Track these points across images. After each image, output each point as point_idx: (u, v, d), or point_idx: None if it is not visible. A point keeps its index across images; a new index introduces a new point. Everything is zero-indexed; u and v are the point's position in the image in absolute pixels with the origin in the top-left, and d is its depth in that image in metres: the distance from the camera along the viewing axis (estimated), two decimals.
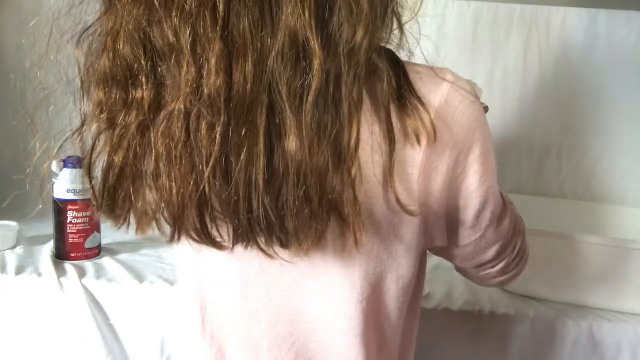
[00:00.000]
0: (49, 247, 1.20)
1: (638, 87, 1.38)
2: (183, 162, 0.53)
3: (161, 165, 0.54)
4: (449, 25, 1.39)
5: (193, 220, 0.55)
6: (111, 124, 0.56)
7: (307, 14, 0.50)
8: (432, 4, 1.39)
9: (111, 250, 1.21)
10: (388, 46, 0.59)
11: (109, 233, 1.25)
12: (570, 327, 1.06)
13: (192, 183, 0.53)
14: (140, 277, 1.08)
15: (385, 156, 0.55)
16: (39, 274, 1.08)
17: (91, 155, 0.59)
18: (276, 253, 0.57)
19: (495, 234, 0.68)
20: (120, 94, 0.55)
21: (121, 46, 0.54)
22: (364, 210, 0.56)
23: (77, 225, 1.15)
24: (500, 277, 0.76)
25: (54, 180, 1.16)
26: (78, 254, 1.15)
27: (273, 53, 0.50)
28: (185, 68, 0.51)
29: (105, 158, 0.57)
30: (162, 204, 0.55)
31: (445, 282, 1.19)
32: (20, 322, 1.08)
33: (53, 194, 1.15)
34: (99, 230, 1.19)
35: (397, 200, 0.56)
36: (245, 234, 0.56)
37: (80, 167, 1.15)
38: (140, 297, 1.07)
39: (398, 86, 0.55)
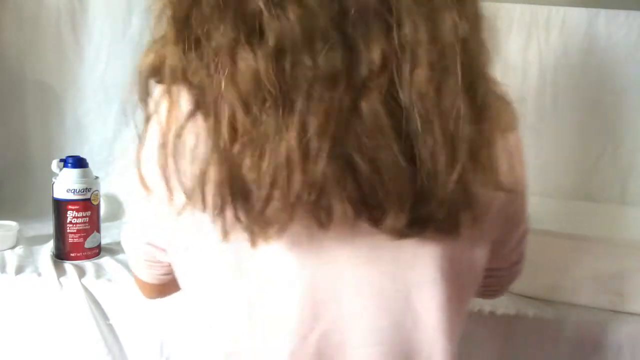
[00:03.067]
0: (49, 247, 1.20)
1: (638, 87, 1.38)
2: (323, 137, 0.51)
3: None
4: None
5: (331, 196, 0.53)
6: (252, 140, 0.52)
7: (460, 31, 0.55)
8: None
9: (111, 250, 1.21)
10: None
11: (109, 233, 1.25)
12: (570, 327, 1.06)
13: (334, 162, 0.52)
14: None
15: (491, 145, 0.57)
16: (39, 274, 1.08)
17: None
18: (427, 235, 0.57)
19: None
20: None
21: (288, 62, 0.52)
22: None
23: (77, 225, 1.15)
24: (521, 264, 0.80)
25: (53, 180, 1.16)
26: (78, 254, 1.15)
27: (421, 64, 0.52)
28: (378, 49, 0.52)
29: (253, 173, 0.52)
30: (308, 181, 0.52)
31: None
32: (20, 322, 1.08)
33: (53, 194, 1.15)
34: (99, 230, 1.19)
35: (504, 187, 0.59)
36: (418, 221, 0.55)
37: (80, 167, 1.15)
38: (140, 297, 1.06)
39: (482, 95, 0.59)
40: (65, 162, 1.15)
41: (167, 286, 0.76)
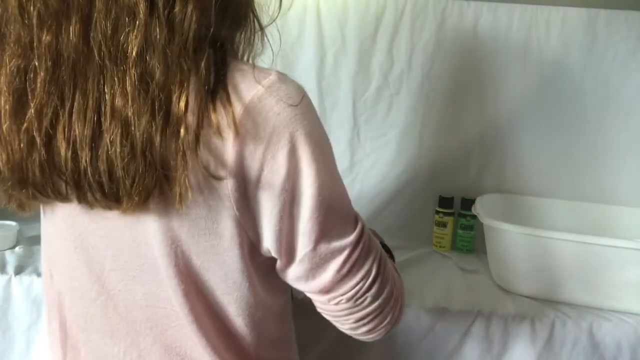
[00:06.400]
0: None
1: (638, 87, 1.38)
2: (19, 115, 0.57)
3: (2, 119, 0.58)
4: (449, 25, 1.39)
5: (36, 173, 0.59)
6: None
7: None
8: (432, 4, 1.39)
9: None
10: (253, 50, 0.64)
11: None
12: (570, 327, 1.06)
13: (29, 134, 0.57)
14: None
15: (194, 135, 0.57)
16: (39, 274, 1.08)
17: None
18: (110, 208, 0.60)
19: (330, 247, 0.65)
20: None
21: None
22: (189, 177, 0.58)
23: None
24: (358, 311, 0.69)
25: None
26: None
27: (98, 10, 0.55)
28: (17, 26, 0.57)
29: None
30: (7, 157, 0.59)
31: (445, 282, 1.19)
32: (20, 322, 1.08)
33: None
34: None
35: (206, 169, 0.58)
36: (77, 190, 0.59)
37: None
38: None
39: (215, 80, 0.58)
40: None
41: None
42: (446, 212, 1.40)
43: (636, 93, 1.38)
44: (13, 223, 1.23)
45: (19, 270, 1.09)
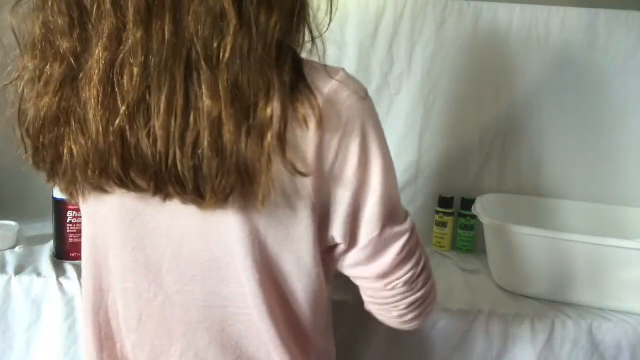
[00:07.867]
0: (49, 247, 1.20)
1: (637, 87, 1.38)
2: (105, 106, 0.58)
3: (88, 108, 0.59)
4: (449, 25, 1.39)
5: (114, 162, 0.60)
6: (40, 73, 0.62)
7: None
8: (432, 4, 1.39)
9: None
10: (303, 52, 0.66)
11: None
12: (570, 327, 1.06)
13: (115, 125, 0.58)
14: None
15: (280, 132, 0.60)
16: (39, 274, 1.08)
17: (20, 101, 0.64)
18: (194, 202, 0.61)
19: (392, 232, 0.70)
20: (50, 47, 0.61)
21: (51, 5, 0.60)
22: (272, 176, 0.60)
23: (77, 225, 1.15)
24: (411, 295, 0.73)
25: None
26: (78, 254, 1.15)
27: (191, 12, 0.56)
28: (109, 20, 0.57)
29: (33, 104, 0.63)
30: (89, 144, 0.60)
31: (445, 282, 1.19)
32: (20, 322, 1.08)
33: (53, 194, 1.15)
34: None
35: (293, 167, 0.60)
36: (158, 183, 0.60)
37: None
38: None
39: (294, 76, 0.61)
40: None
41: None
42: (446, 212, 1.40)
43: (636, 93, 1.38)
44: (13, 223, 1.23)
45: (19, 270, 1.09)
